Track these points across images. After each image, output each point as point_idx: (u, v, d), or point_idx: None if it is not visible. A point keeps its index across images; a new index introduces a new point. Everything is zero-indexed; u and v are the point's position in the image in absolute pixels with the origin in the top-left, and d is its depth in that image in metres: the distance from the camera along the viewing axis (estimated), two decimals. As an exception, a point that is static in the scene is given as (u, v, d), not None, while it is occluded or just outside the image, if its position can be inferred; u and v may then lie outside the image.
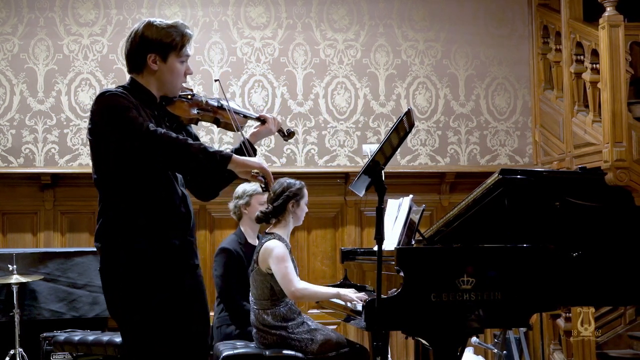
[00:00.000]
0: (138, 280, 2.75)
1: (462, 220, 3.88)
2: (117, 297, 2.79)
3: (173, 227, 2.81)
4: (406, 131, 3.31)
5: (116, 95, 2.77)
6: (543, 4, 6.77)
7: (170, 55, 2.87)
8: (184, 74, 2.94)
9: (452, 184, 6.66)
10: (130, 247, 2.75)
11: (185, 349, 2.81)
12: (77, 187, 6.31)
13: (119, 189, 2.79)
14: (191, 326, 2.83)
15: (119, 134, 2.71)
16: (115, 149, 2.75)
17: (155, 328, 2.76)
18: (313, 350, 4.15)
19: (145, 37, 2.86)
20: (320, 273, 6.37)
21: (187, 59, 2.94)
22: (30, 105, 6.34)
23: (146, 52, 2.86)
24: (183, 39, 2.89)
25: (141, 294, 2.75)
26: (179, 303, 2.79)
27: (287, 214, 4.28)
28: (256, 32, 6.59)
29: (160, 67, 2.88)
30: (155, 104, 2.92)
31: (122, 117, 2.70)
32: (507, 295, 3.47)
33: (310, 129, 6.57)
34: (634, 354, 5.54)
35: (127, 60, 2.93)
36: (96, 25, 6.44)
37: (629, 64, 5.62)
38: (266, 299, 4.19)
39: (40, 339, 5.29)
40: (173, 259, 2.80)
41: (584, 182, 3.95)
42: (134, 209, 2.77)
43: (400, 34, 6.75)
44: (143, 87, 2.90)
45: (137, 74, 2.91)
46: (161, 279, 2.77)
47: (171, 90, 2.93)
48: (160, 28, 2.87)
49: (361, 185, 3.35)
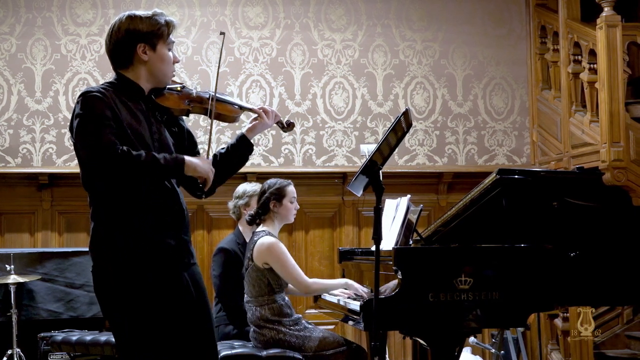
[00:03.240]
0: (134, 283, 2.72)
1: (459, 220, 3.88)
2: (111, 299, 2.77)
3: (167, 226, 2.80)
4: (404, 131, 3.32)
5: (95, 99, 2.75)
6: (541, 4, 6.77)
7: (159, 43, 2.89)
8: (173, 62, 2.95)
9: (449, 184, 6.66)
10: (125, 250, 2.72)
11: (187, 349, 2.80)
12: (74, 187, 6.28)
13: (107, 190, 2.77)
14: (191, 325, 2.81)
15: (82, 144, 2.72)
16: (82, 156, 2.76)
17: (152, 330, 2.73)
18: (310, 348, 4.16)
19: (131, 30, 2.87)
20: (318, 273, 6.36)
21: (173, 46, 2.96)
22: (27, 105, 6.34)
23: (134, 44, 2.86)
24: (168, 26, 2.92)
25: (137, 296, 2.72)
26: (177, 303, 2.78)
27: (271, 213, 4.33)
28: (254, 32, 6.59)
29: (151, 57, 2.88)
30: (143, 98, 2.90)
31: (90, 129, 2.69)
32: (505, 295, 3.48)
33: (308, 129, 6.57)
34: (631, 354, 5.55)
35: (112, 56, 2.92)
36: (94, 25, 6.44)
37: (627, 64, 5.63)
38: (263, 294, 4.21)
39: (37, 339, 5.28)
40: (169, 259, 2.78)
41: (581, 182, 3.96)
42: (125, 211, 2.74)
43: (398, 34, 6.75)
44: (131, 81, 2.89)
45: (124, 69, 2.91)
46: (158, 281, 2.74)
47: (163, 79, 2.93)
48: (146, 18, 2.89)
49: (359, 185, 3.36)
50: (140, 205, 2.75)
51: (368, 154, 3.66)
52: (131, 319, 2.73)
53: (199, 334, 2.84)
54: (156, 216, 2.77)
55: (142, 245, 2.73)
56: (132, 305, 2.72)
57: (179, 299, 2.78)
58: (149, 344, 2.74)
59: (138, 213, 2.75)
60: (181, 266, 2.83)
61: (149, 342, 2.73)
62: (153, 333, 2.73)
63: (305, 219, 6.45)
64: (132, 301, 2.72)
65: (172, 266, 2.79)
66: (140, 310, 2.72)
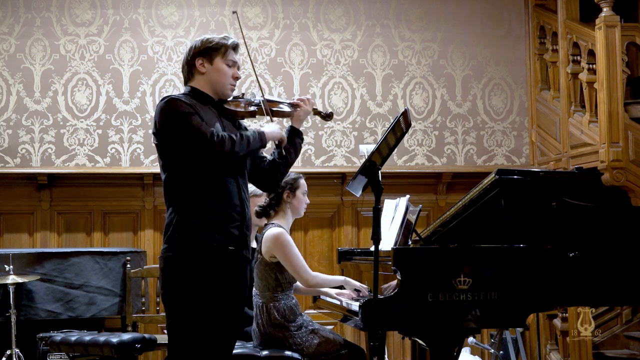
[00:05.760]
0: (196, 265, 3.12)
1: (458, 220, 3.88)
2: (175, 280, 3.15)
3: (233, 220, 3.19)
4: (403, 131, 3.32)
5: (175, 100, 3.16)
6: (539, 4, 6.78)
7: (216, 57, 3.28)
8: (233, 77, 3.31)
9: (448, 184, 6.67)
10: (198, 240, 3.12)
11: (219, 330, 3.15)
12: (73, 187, 6.31)
13: (185, 191, 3.16)
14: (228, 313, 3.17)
15: (182, 139, 3.10)
16: (180, 152, 3.14)
17: (201, 310, 3.11)
18: (310, 351, 4.15)
19: (193, 48, 3.31)
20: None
21: (235, 65, 3.32)
22: (26, 105, 6.33)
23: (194, 59, 3.29)
24: (226, 44, 3.30)
25: (197, 277, 3.11)
26: (227, 289, 3.16)
27: (283, 204, 4.33)
28: (253, 32, 6.59)
29: (208, 69, 3.28)
30: (213, 103, 3.30)
31: (184, 124, 3.10)
32: (504, 295, 3.48)
33: (307, 129, 6.57)
34: (630, 354, 5.55)
35: (182, 73, 3.37)
36: (93, 25, 6.44)
37: (626, 65, 5.63)
38: (270, 289, 4.19)
39: (36, 340, 5.28)
40: (231, 246, 3.17)
41: (580, 183, 3.96)
42: (201, 207, 3.14)
43: (397, 34, 6.75)
44: (200, 91, 3.29)
45: (190, 81, 3.33)
46: (218, 267, 3.14)
47: (221, 90, 3.31)
48: (206, 39, 3.31)
49: (358, 186, 3.36)
50: (210, 203, 3.16)
51: (367, 154, 3.66)
52: (187, 297, 3.11)
53: (231, 323, 3.19)
54: (222, 211, 3.16)
55: (210, 232, 3.13)
56: (191, 286, 3.11)
57: (228, 286, 3.16)
58: (197, 319, 3.11)
59: (208, 209, 3.15)
60: (238, 258, 3.20)
61: (198, 318, 3.10)
62: (203, 313, 3.11)
63: (304, 219, 6.43)
64: (192, 281, 3.11)
65: (233, 255, 3.17)
66: (197, 289, 3.10)
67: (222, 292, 3.14)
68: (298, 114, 3.46)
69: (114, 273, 5.61)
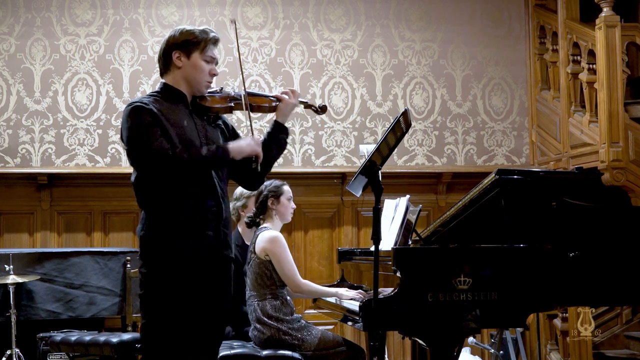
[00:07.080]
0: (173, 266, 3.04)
1: (458, 220, 3.88)
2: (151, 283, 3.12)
3: (207, 222, 3.05)
4: (403, 131, 3.32)
5: (138, 110, 2.97)
6: (540, 4, 6.78)
7: (194, 52, 3.10)
8: (210, 74, 3.13)
9: (449, 184, 6.66)
10: (171, 244, 3.02)
11: (198, 336, 3.06)
12: (73, 187, 6.31)
13: (155, 195, 3.04)
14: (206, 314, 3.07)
15: (134, 152, 2.97)
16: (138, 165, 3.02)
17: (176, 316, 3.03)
18: (310, 347, 4.16)
19: (171, 39, 3.12)
20: (317, 273, 6.37)
21: (213, 61, 3.14)
22: (26, 105, 6.33)
23: (171, 51, 3.10)
24: (206, 38, 3.12)
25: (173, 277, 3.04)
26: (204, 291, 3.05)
27: (269, 211, 4.40)
28: (253, 32, 6.59)
29: (184, 63, 3.10)
30: (185, 101, 3.11)
31: (138, 138, 2.94)
32: (504, 295, 3.47)
33: (307, 129, 6.57)
34: (630, 354, 5.55)
35: (158, 63, 3.17)
36: (93, 25, 6.44)
37: (626, 64, 5.63)
38: (265, 286, 4.21)
39: (36, 340, 5.28)
40: (207, 247, 3.04)
41: (580, 183, 3.96)
42: (173, 211, 3.02)
43: (397, 34, 6.75)
44: (173, 88, 3.11)
45: (166, 74, 3.14)
46: (196, 270, 3.03)
47: (197, 87, 3.13)
48: (185, 30, 3.12)
49: (358, 186, 3.36)
50: (183, 207, 3.02)
51: (367, 154, 3.66)
52: (163, 298, 3.05)
53: (210, 323, 3.10)
54: (196, 214, 3.03)
55: (185, 240, 3.01)
56: (170, 296, 3.04)
57: (205, 285, 3.05)
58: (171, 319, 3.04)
59: (181, 214, 3.02)
60: (219, 259, 3.09)
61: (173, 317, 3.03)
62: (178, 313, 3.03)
63: (304, 219, 6.45)
64: (171, 292, 3.04)
65: (211, 257, 3.06)
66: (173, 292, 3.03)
67: (203, 297, 3.04)
68: (282, 107, 3.26)
69: (114, 273, 5.61)
